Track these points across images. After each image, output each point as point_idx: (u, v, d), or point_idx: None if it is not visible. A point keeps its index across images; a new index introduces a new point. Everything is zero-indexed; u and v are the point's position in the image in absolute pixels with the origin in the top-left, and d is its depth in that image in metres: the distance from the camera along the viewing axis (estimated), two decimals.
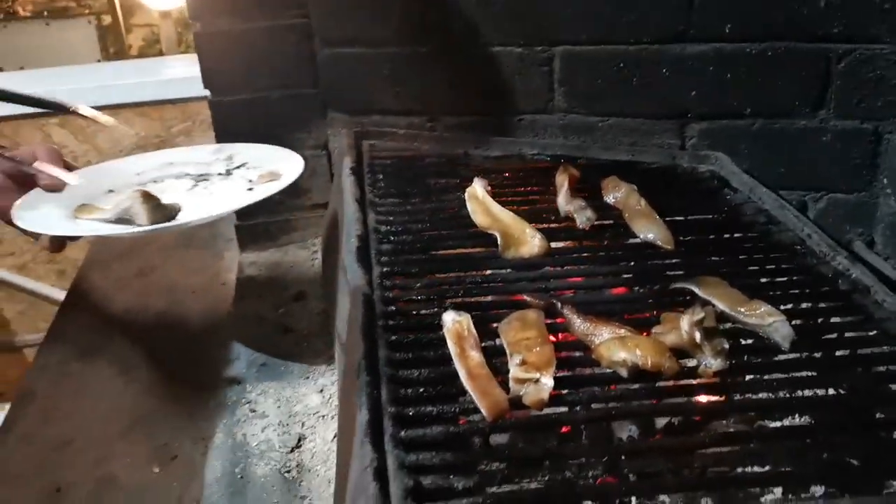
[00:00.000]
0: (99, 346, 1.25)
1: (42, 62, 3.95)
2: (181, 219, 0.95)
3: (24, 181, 1.03)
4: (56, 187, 1.02)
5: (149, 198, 0.93)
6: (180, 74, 2.74)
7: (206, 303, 1.33)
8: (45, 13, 4.75)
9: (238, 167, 1.14)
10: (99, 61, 4.78)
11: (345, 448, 0.78)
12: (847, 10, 1.12)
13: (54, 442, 1.06)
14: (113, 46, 4.92)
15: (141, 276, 1.45)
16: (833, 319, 0.84)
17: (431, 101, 1.29)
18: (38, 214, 0.98)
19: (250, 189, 1.06)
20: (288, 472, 0.93)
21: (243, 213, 1.37)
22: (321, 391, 1.04)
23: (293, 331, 1.18)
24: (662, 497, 0.66)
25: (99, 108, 2.56)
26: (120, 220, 0.95)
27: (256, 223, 1.39)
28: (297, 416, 1.01)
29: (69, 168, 1.06)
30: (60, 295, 2.54)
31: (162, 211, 0.94)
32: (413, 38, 1.26)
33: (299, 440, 0.97)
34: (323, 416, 1.00)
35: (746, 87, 1.20)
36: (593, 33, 1.21)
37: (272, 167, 1.08)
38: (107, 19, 4.87)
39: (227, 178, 1.11)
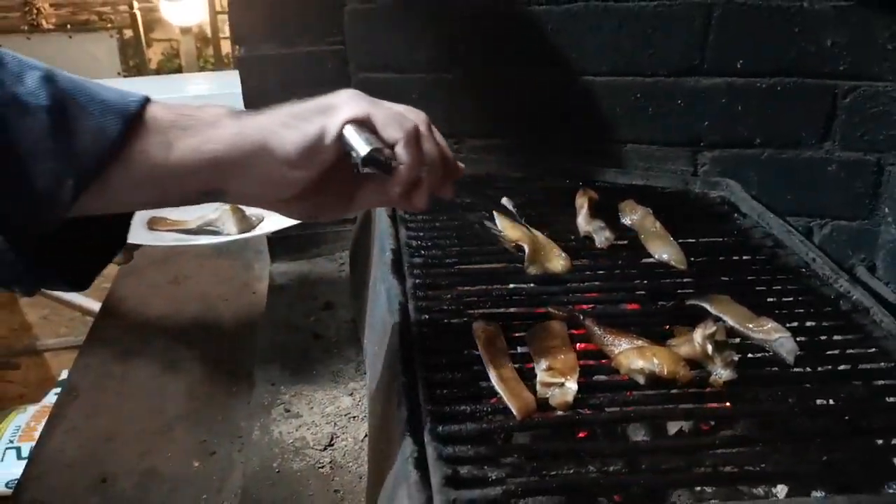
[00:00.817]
0: (138, 349, 1.32)
1: None
2: (264, 228, 1.03)
3: None
4: None
5: (236, 210, 1.01)
6: (201, 91, 2.83)
7: (239, 310, 1.41)
8: (68, 26, 4.85)
9: None
10: (119, 74, 4.88)
11: (378, 446, 0.84)
12: (852, 49, 1.19)
13: (99, 436, 1.13)
14: (133, 60, 5.02)
15: (175, 284, 1.52)
16: (835, 337, 0.90)
17: (457, 124, 1.37)
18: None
19: None
20: (322, 467, 0.99)
21: None
22: (351, 394, 1.11)
23: (323, 338, 1.25)
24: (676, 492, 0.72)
25: None
26: (202, 231, 1.02)
27: (288, 236, 1.45)
28: (328, 417, 1.07)
29: None
30: (82, 301, 2.62)
31: (248, 221, 1.01)
32: (441, 65, 1.33)
33: (331, 439, 1.03)
34: (353, 417, 1.07)
35: (756, 119, 1.27)
36: (613, 65, 1.28)
37: None
38: (128, 33, 4.97)
39: None
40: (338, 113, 0.62)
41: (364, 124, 0.63)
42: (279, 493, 0.96)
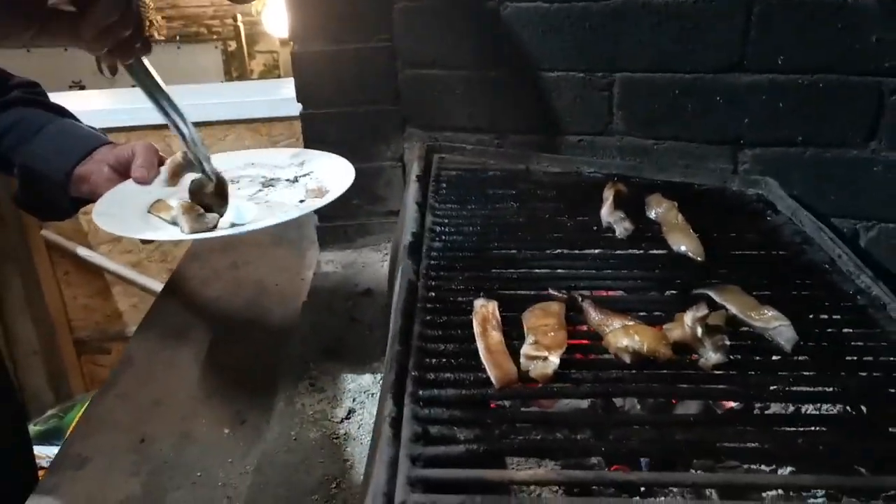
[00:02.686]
0: (192, 326, 1.41)
1: (172, 82, 4.31)
2: (214, 233, 1.05)
3: (127, 174, 1.18)
4: (145, 180, 1.12)
5: (189, 209, 1.03)
6: (290, 94, 2.97)
7: (287, 294, 1.48)
8: (178, 38, 5.17)
9: (305, 175, 1.24)
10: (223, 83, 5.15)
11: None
12: None
13: (146, 401, 1.21)
14: (237, 70, 5.28)
15: (233, 269, 1.61)
16: (845, 330, 0.88)
17: (499, 121, 1.40)
18: (117, 208, 1.10)
19: (302, 201, 1.15)
20: (336, 438, 1.04)
21: (324, 216, 1.51)
22: (374, 373, 1.15)
23: (358, 321, 1.30)
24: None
25: (215, 124, 2.78)
26: (174, 223, 1.07)
27: (336, 226, 1.52)
28: (350, 393, 1.12)
29: (162, 163, 1.14)
30: None
31: (201, 222, 1.04)
32: (486, 63, 1.37)
33: (349, 412, 1.08)
34: (372, 394, 1.11)
35: (799, 117, 1.24)
36: (652, 62, 1.29)
37: (322, 183, 1.17)
38: (232, 45, 5.25)
39: (290, 186, 1.21)
40: None
41: None
42: (293, 459, 1.01)
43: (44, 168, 1.14)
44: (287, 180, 1.23)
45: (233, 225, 1.07)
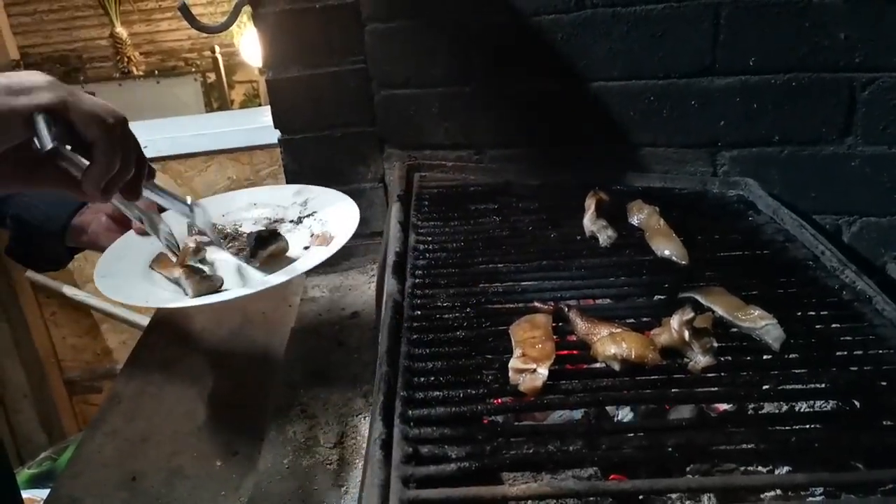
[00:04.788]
0: (178, 359, 1.39)
1: (152, 116, 4.30)
2: (223, 295, 1.04)
3: (126, 223, 1.16)
4: (145, 232, 1.08)
5: (190, 273, 1.02)
6: (270, 122, 2.97)
7: (274, 322, 1.46)
8: (156, 72, 5.18)
9: (309, 215, 1.23)
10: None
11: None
12: (867, 41, 1.16)
13: (135, 438, 1.20)
14: (217, 101, 5.29)
15: None
16: (833, 325, 0.88)
17: (477, 135, 1.40)
18: (118, 268, 1.09)
19: (306, 247, 1.15)
20: (330, 464, 1.03)
21: None
22: (365, 396, 1.14)
23: (345, 345, 1.29)
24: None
25: (196, 155, 2.78)
26: (178, 283, 1.06)
27: None
28: (341, 417, 1.11)
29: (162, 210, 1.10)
30: None
31: (207, 284, 1.03)
32: (459, 79, 1.37)
33: (341, 437, 1.07)
34: (364, 417, 1.10)
35: (773, 117, 1.25)
36: (625, 70, 1.29)
37: (327, 227, 1.16)
38: (211, 76, 5.25)
39: (295, 229, 1.21)
40: (30, 98, 0.63)
41: (58, 115, 0.64)
42: (287, 488, 0.99)
43: (39, 219, 1.13)
44: (291, 221, 1.22)
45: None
